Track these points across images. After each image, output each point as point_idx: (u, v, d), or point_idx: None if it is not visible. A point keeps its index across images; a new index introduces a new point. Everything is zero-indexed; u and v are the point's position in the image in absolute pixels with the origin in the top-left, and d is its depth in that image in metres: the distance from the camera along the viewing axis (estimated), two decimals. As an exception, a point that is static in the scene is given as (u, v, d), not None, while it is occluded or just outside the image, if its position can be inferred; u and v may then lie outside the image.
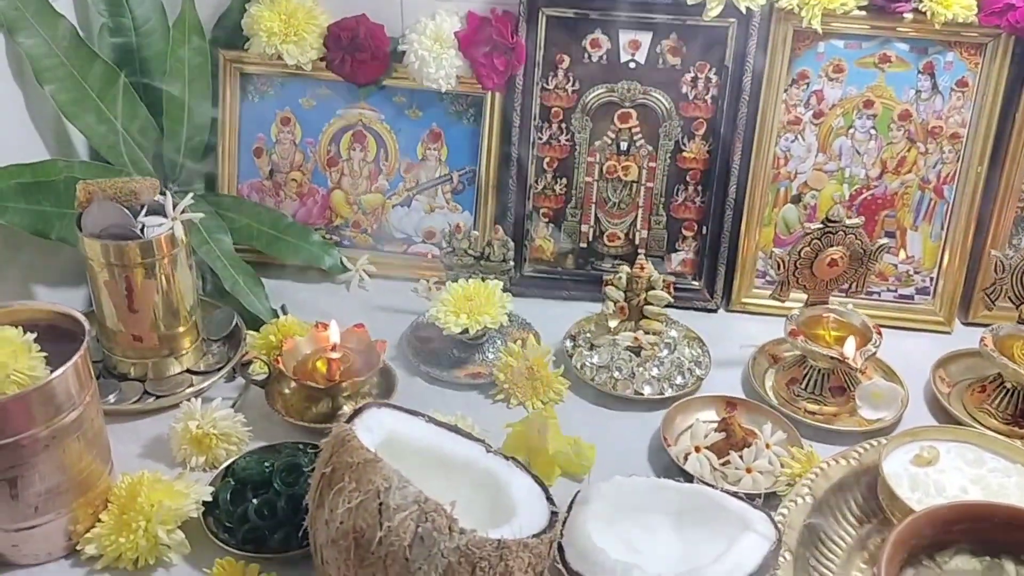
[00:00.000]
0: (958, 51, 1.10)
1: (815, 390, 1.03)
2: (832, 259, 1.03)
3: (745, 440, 0.94)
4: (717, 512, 0.81)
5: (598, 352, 1.06)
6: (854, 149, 1.16)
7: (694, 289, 1.21)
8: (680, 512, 0.82)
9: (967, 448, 0.90)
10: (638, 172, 1.19)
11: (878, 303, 1.19)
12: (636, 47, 1.15)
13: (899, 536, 0.70)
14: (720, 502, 0.81)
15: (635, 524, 0.81)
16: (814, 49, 1.13)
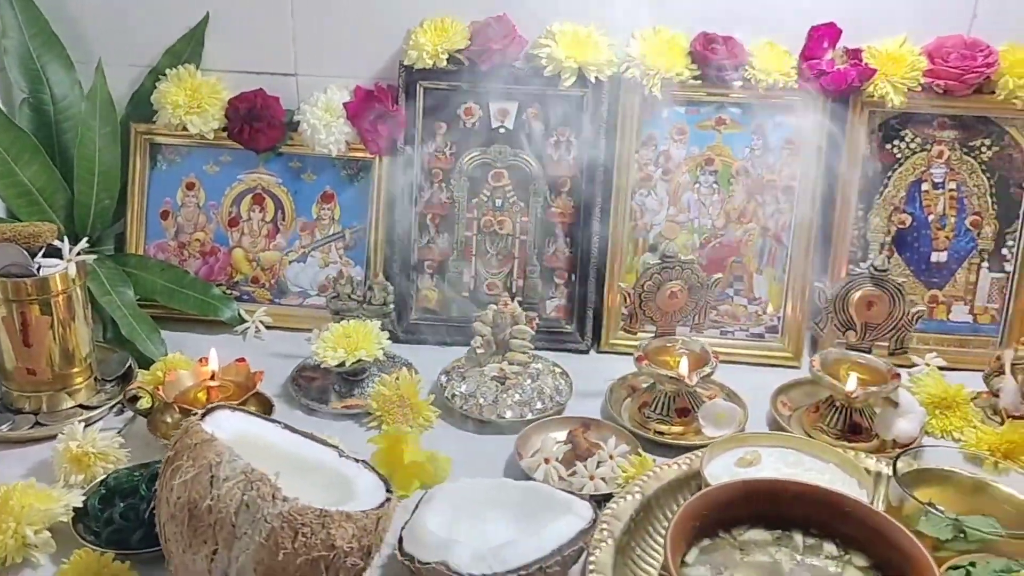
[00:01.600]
0: (784, 113, 1.25)
1: (663, 412, 1.13)
2: (672, 292, 1.14)
3: (590, 451, 1.02)
4: (549, 503, 0.88)
5: (466, 382, 1.15)
6: (700, 202, 1.29)
7: (567, 332, 1.32)
8: (518, 505, 0.90)
9: (787, 452, 0.99)
10: (512, 226, 1.31)
11: (733, 341, 1.30)
12: (505, 115, 1.29)
13: (688, 509, 0.78)
14: (551, 495, 0.89)
15: (474, 516, 0.89)
16: (659, 114, 1.27)
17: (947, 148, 1.25)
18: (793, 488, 0.83)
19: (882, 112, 1.24)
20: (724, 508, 0.81)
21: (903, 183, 1.26)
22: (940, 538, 0.82)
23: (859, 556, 0.79)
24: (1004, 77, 1.19)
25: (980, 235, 1.26)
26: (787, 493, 0.82)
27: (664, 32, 1.25)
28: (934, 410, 1.14)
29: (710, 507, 0.80)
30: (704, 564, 0.78)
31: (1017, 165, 1.24)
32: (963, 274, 1.28)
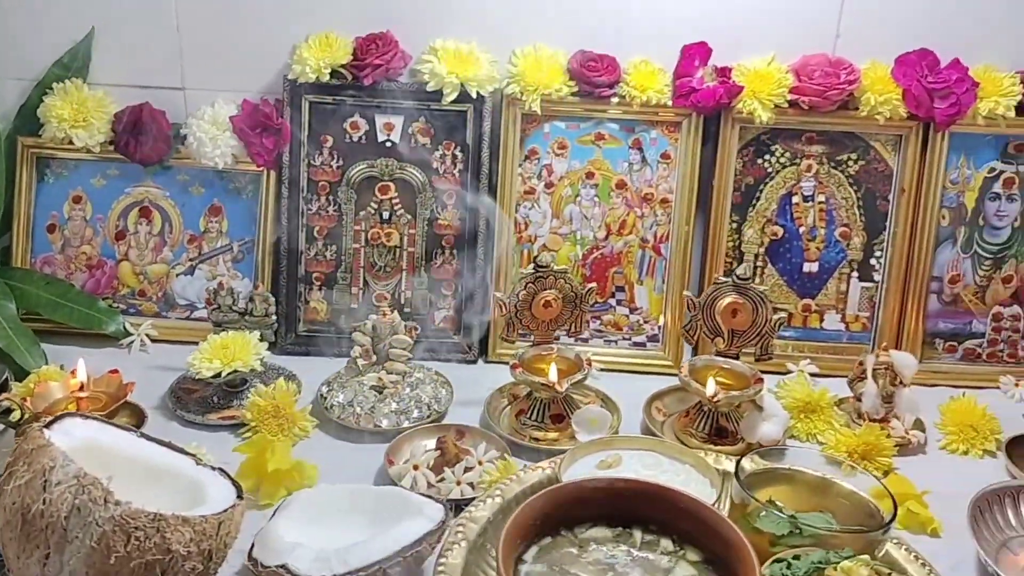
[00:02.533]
0: (660, 128, 1.30)
1: (538, 419, 1.15)
2: (546, 301, 1.16)
3: (458, 457, 1.04)
4: (402, 507, 0.90)
5: (343, 392, 1.16)
6: (582, 215, 1.32)
7: (455, 343, 1.33)
8: (374, 510, 0.91)
9: (647, 454, 1.02)
10: (400, 238, 1.33)
11: (616, 350, 1.34)
12: (390, 129, 1.31)
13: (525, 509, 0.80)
14: (406, 499, 0.91)
15: (329, 521, 0.90)
16: (541, 130, 1.30)
17: (815, 162, 1.30)
18: (631, 487, 0.86)
19: (753, 128, 1.28)
20: (565, 507, 0.84)
21: (775, 196, 1.31)
22: (776, 533, 0.85)
23: (693, 551, 0.82)
24: (866, 94, 1.25)
25: (849, 246, 1.32)
26: (626, 492, 0.85)
27: (544, 49, 1.28)
28: (799, 414, 1.18)
29: (550, 507, 0.82)
30: (542, 561, 0.80)
31: (882, 178, 1.30)
32: (834, 284, 1.33)
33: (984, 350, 1.32)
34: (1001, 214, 1.29)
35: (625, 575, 0.79)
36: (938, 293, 1.31)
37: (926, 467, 1.13)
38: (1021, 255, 1.30)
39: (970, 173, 1.28)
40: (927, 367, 1.32)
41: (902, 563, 0.90)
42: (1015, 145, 1.27)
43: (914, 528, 1.00)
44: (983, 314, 1.32)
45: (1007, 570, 0.94)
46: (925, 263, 1.29)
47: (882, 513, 0.88)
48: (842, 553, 0.77)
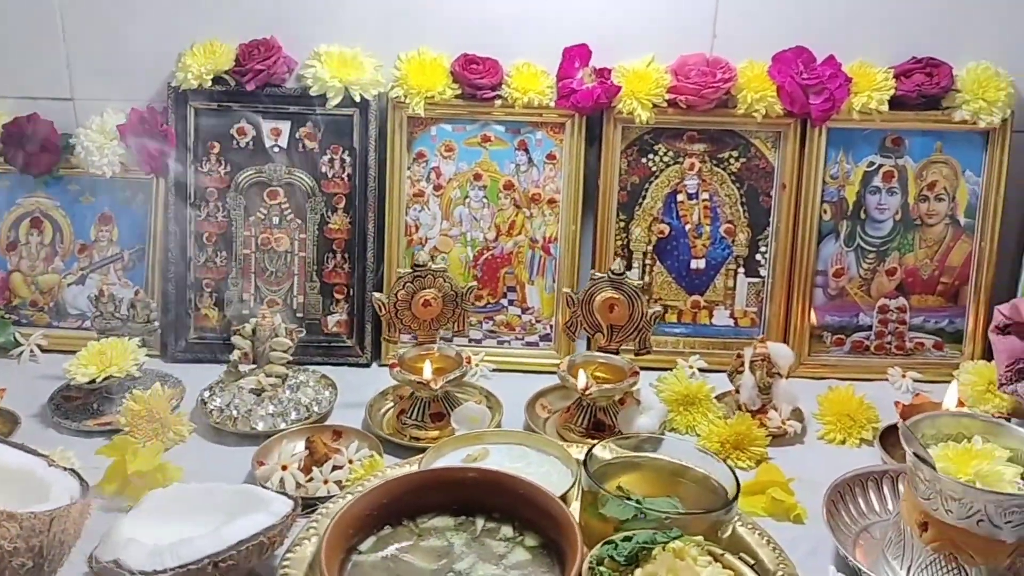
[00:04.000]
0: (545, 130, 1.31)
1: (418, 418, 1.15)
2: (426, 300, 1.17)
3: (327, 456, 1.04)
4: (252, 503, 0.89)
5: (221, 395, 1.16)
6: (472, 216, 1.33)
7: (348, 347, 1.34)
8: (228, 508, 0.91)
9: (514, 447, 1.02)
10: (290, 243, 1.33)
11: (509, 350, 1.34)
12: (277, 134, 1.31)
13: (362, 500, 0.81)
14: (256, 495, 0.91)
15: (181, 518, 0.89)
16: (428, 132, 1.32)
17: (698, 160, 1.32)
18: (472, 475, 0.87)
19: (635, 128, 1.30)
20: (406, 498, 0.84)
21: (660, 195, 1.33)
22: (620, 518, 0.86)
23: (532, 536, 0.82)
24: (743, 92, 1.27)
25: (735, 242, 1.34)
26: (468, 481, 0.86)
27: (428, 53, 1.30)
28: (678, 407, 1.19)
29: (387, 497, 0.83)
30: (377, 550, 0.80)
31: (764, 175, 1.32)
32: (722, 280, 1.35)
33: (872, 342, 1.34)
34: (882, 207, 1.31)
35: (460, 561, 0.79)
36: (823, 287, 1.33)
37: (803, 456, 1.14)
38: (904, 247, 1.32)
39: (850, 168, 1.31)
40: (816, 360, 1.34)
41: (754, 547, 0.90)
42: (892, 139, 1.30)
43: (779, 515, 1.01)
44: (869, 307, 1.34)
45: (864, 555, 0.95)
46: (809, 257, 1.31)
47: (728, 497, 0.88)
48: (671, 534, 0.78)
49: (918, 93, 1.26)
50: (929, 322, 1.34)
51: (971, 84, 1.26)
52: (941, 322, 1.33)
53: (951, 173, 1.30)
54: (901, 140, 1.29)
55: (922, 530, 0.87)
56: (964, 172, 1.30)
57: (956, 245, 1.32)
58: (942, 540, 0.85)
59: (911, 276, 1.33)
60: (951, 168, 1.30)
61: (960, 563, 0.85)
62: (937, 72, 1.26)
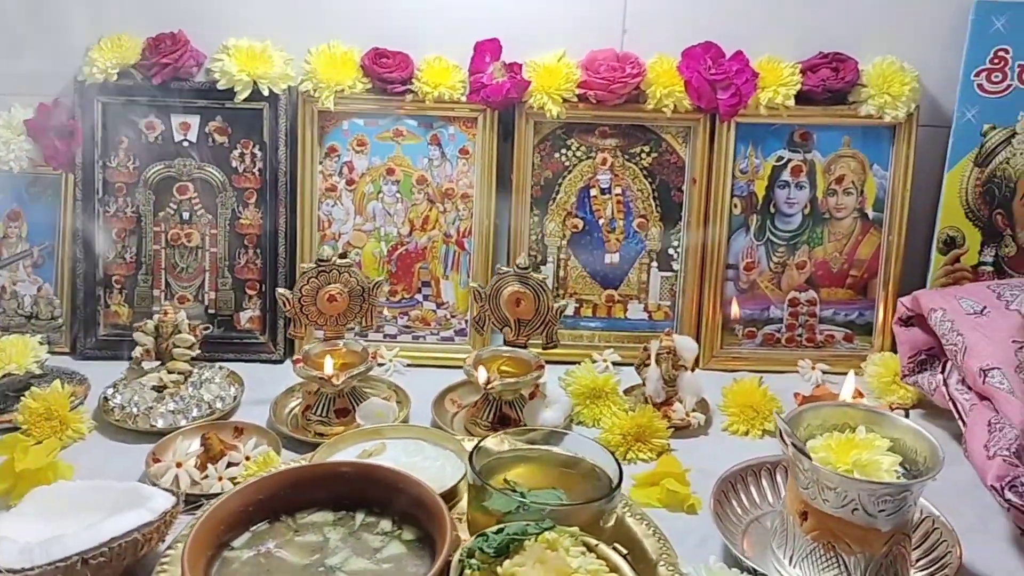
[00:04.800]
0: (457, 124, 1.31)
1: (323, 414, 1.15)
2: (331, 295, 1.16)
3: (223, 453, 1.03)
4: (139, 501, 0.89)
5: (123, 392, 1.15)
6: (385, 211, 1.33)
7: (261, 343, 1.33)
8: (112, 505, 0.90)
9: (411, 442, 1.02)
10: (201, 239, 1.32)
11: (425, 345, 1.34)
12: (187, 128, 1.30)
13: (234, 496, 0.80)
14: (142, 492, 0.89)
15: (62, 517, 0.88)
16: (340, 127, 1.31)
17: (610, 155, 1.32)
18: (346, 469, 0.87)
19: (547, 123, 1.30)
20: (283, 494, 0.84)
21: (573, 189, 1.33)
22: (503, 511, 0.86)
23: (411, 530, 0.82)
24: (652, 87, 1.28)
25: (647, 236, 1.34)
26: (343, 474, 0.86)
27: (339, 47, 1.29)
28: (585, 400, 1.19)
29: (262, 493, 0.82)
30: (250, 546, 0.80)
31: (675, 169, 1.33)
32: (635, 274, 1.35)
33: (782, 335, 1.36)
34: (791, 201, 1.33)
35: (333, 555, 0.79)
36: (735, 280, 1.35)
37: (707, 448, 1.15)
38: (813, 241, 1.34)
39: (759, 162, 1.32)
40: (728, 352, 1.35)
41: (639, 537, 0.91)
42: (800, 134, 1.31)
43: (673, 506, 1.02)
44: (780, 300, 1.35)
45: (751, 545, 0.96)
46: (720, 251, 1.32)
47: (612, 486, 0.89)
48: (543, 525, 0.78)
49: (823, 88, 1.27)
50: (839, 315, 1.35)
51: (876, 79, 1.28)
52: (851, 314, 1.35)
53: (859, 167, 1.32)
54: (809, 135, 1.31)
55: (802, 519, 0.88)
56: (872, 166, 1.32)
57: (865, 238, 1.33)
58: (821, 529, 0.87)
59: (821, 269, 1.34)
60: (859, 162, 1.32)
61: (838, 552, 0.86)
62: (843, 67, 1.28)
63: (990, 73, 1.27)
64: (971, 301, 1.10)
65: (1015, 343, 1.02)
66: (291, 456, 1.07)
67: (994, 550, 0.94)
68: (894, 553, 0.86)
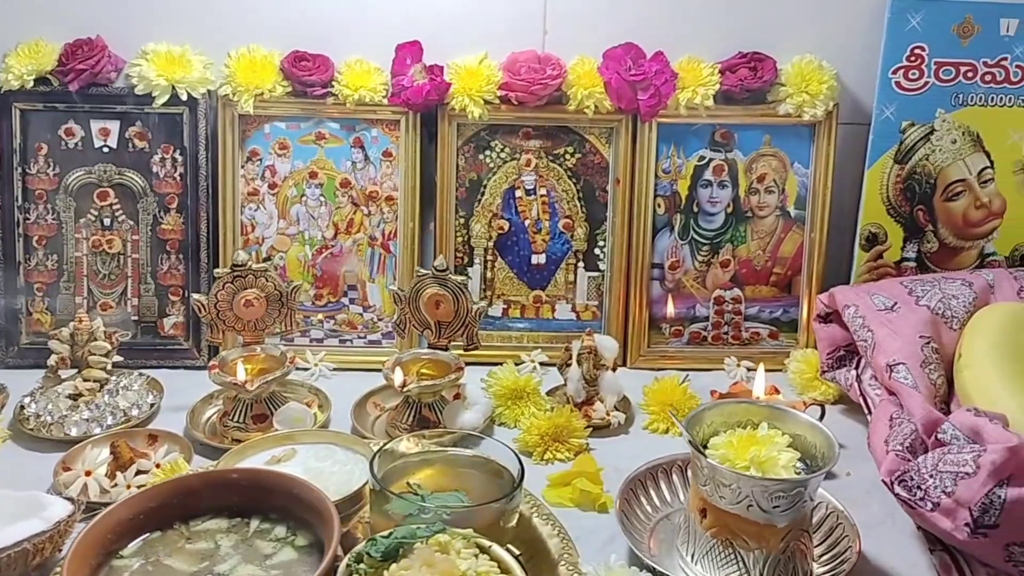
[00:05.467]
0: (380, 127, 1.31)
1: (241, 420, 1.14)
2: (247, 300, 1.16)
3: (132, 461, 1.02)
4: (35, 510, 0.88)
5: (38, 401, 1.14)
6: (309, 215, 1.32)
7: (185, 349, 1.32)
8: (12, 516, 0.89)
9: (322, 447, 1.02)
10: (123, 245, 1.31)
11: (352, 348, 1.34)
12: (107, 134, 1.29)
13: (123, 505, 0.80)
14: (39, 501, 0.89)
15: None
16: (262, 131, 1.31)
17: (534, 157, 1.33)
18: (236, 476, 0.87)
19: (471, 124, 1.31)
20: (178, 500, 0.83)
21: (498, 191, 1.33)
22: (402, 514, 0.86)
23: (304, 535, 0.82)
24: (573, 88, 1.28)
25: (573, 237, 1.35)
26: (233, 481, 0.85)
27: (258, 51, 1.29)
28: (506, 401, 1.20)
29: (157, 500, 0.82)
30: (140, 554, 0.79)
31: (599, 170, 1.33)
32: (562, 274, 1.36)
33: (709, 332, 1.36)
34: (714, 200, 1.34)
35: (223, 562, 0.79)
36: (660, 280, 1.35)
37: (626, 446, 1.16)
38: (736, 239, 1.35)
39: (681, 162, 1.33)
40: (655, 351, 1.36)
41: (544, 537, 0.92)
42: (721, 133, 1.32)
43: (585, 505, 1.02)
44: (705, 298, 1.36)
45: (658, 543, 0.96)
46: (645, 251, 1.33)
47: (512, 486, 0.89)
48: (434, 527, 0.78)
49: (741, 88, 1.28)
50: (764, 312, 1.36)
51: (795, 78, 1.29)
52: (776, 312, 1.36)
53: (780, 166, 1.33)
54: (730, 134, 1.32)
55: (702, 516, 0.89)
56: (793, 164, 1.33)
57: (787, 236, 1.35)
58: (719, 526, 0.87)
59: (745, 267, 1.35)
60: (780, 161, 1.33)
61: (736, 548, 0.87)
62: (761, 67, 1.29)
63: (907, 70, 1.28)
64: (883, 297, 1.11)
65: (922, 338, 1.03)
66: (203, 463, 1.06)
67: (897, 543, 0.95)
68: (792, 548, 0.86)
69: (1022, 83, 1.29)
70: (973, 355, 0.99)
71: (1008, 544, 0.75)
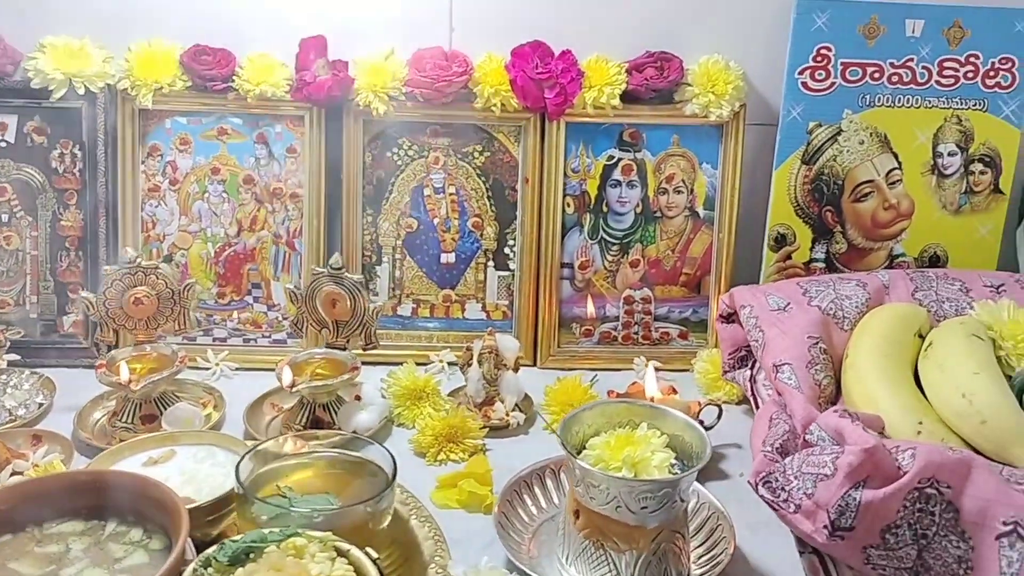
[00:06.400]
0: (284, 122, 1.29)
1: (129, 420, 1.12)
2: (137, 298, 1.14)
3: (8, 461, 1.00)
4: None
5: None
6: (212, 211, 1.30)
7: (84, 348, 1.29)
8: None
9: (203, 448, 1.00)
10: (21, 241, 1.28)
11: (256, 348, 1.32)
12: (4, 129, 1.26)
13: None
14: None
15: None
16: (163, 125, 1.28)
17: (442, 154, 1.31)
18: (84, 478, 0.85)
19: (378, 121, 1.29)
20: (31, 503, 0.81)
21: (407, 189, 1.32)
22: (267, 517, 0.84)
23: (160, 538, 0.80)
24: (480, 86, 1.27)
25: (483, 236, 1.34)
26: (99, 484, 0.83)
27: (159, 44, 1.26)
28: (405, 401, 1.18)
29: (7, 503, 0.80)
30: (-14, 559, 0.77)
31: (508, 168, 1.32)
32: (472, 273, 1.35)
33: (619, 332, 1.36)
34: (623, 200, 1.33)
35: (70, 566, 0.76)
36: (570, 279, 1.34)
37: (524, 447, 1.15)
38: (646, 239, 1.34)
39: (590, 161, 1.32)
40: (565, 351, 1.35)
41: (420, 540, 0.91)
42: (630, 133, 1.31)
43: (472, 507, 1.01)
44: (615, 298, 1.35)
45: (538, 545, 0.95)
46: (554, 250, 1.32)
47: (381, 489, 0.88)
48: (286, 531, 0.77)
49: (647, 87, 1.27)
50: (674, 312, 1.36)
51: (701, 78, 1.28)
52: (685, 312, 1.36)
53: (688, 166, 1.32)
54: (639, 134, 1.31)
55: (576, 518, 0.88)
56: (701, 165, 1.32)
57: (696, 236, 1.34)
58: (591, 528, 0.86)
59: (654, 267, 1.35)
60: (688, 161, 1.32)
61: (607, 550, 0.86)
62: (668, 66, 1.28)
63: (814, 71, 1.28)
64: (777, 297, 1.11)
65: (810, 338, 1.03)
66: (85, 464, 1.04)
67: (777, 545, 0.94)
68: (664, 550, 0.86)
69: (928, 84, 1.30)
70: (857, 356, 0.99)
71: (865, 547, 0.75)
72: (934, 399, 0.91)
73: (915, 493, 0.74)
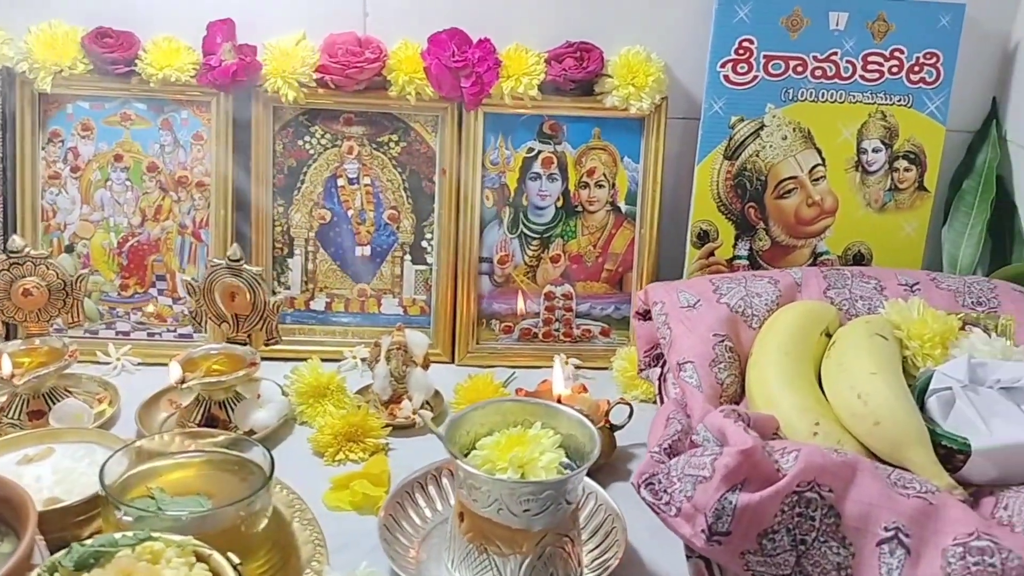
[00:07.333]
0: (191, 108, 1.25)
1: (16, 416, 1.07)
2: (25, 289, 1.09)
3: None
4: None
5: None
6: (114, 200, 1.26)
7: None
8: None
9: (82, 446, 0.96)
10: (-88, 229, 1.23)
11: (161, 342, 1.27)
12: None
13: None
14: None
15: None
16: (64, 111, 1.23)
17: (357, 144, 1.27)
18: None
19: (290, 108, 1.25)
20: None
21: (319, 179, 1.28)
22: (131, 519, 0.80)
23: (11, 541, 0.76)
24: (395, 73, 1.23)
25: (399, 229, 1.30)
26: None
27: (60, 26, 1.21)
28: (308, 398, 1.14)
29: None
30: None
31: (425, 160, 1.28)
32: (388, 267, 1.31)
33: (539, 329, 1.33)
34: (543, 194, 1.30)
35: (-91, 573, 0.72)
36: (490, 274, 1.31)
37: (430, 446, 1.10)
38: (567, 234, 1.31)
39: (509, 153, 1.28)
40: (484, 348, 1.32)
41: (299, 544, 0.87)
42: (550, 125, 1.28)
43: (365, 508, 0.98)
44: (536, 294, 1.32)
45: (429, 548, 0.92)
46: (472, 244, 1.29)
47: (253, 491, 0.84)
48: (139, 535, 0.73)
49: (566, 78, 1.24)
50: (595, 308, 1.33)
51: (621, 69, 1.25)
52: (607, 308, 1.33)
53: (609, 159, 1.29)
54: (559, 126, 1.28)
55: (460, 520, 0.85)
56: (623, 159, 1.29)
57: (618, 232, 1.31)
58: (475, 531, 0.83)
59: (575, 263, 1.32)
60: (609, 154, 1.29)
61: (490, 554, 0.82)
62: (588, 57, 1.25)
63: (736, 64, 1.26)
64: (688, 294, 1.08)
65: (716, 336, 1.00)
66: (-38, 462, 0.99)
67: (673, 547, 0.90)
68: (549, 554, 0.82)
69: (853, 79, 1.27)
70: (760, 354, 0.96)
71: (743, 552, 0.72)
72: (832, 399, 0.89)
73: (794, 497, 0.71)
